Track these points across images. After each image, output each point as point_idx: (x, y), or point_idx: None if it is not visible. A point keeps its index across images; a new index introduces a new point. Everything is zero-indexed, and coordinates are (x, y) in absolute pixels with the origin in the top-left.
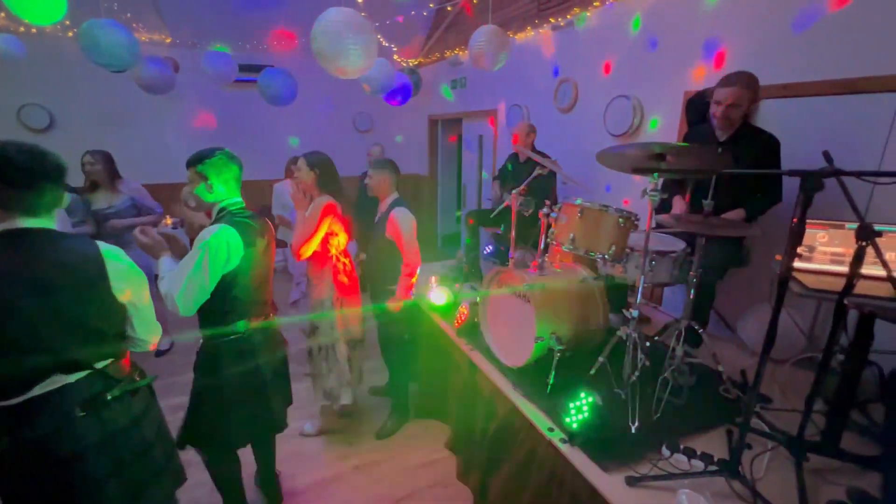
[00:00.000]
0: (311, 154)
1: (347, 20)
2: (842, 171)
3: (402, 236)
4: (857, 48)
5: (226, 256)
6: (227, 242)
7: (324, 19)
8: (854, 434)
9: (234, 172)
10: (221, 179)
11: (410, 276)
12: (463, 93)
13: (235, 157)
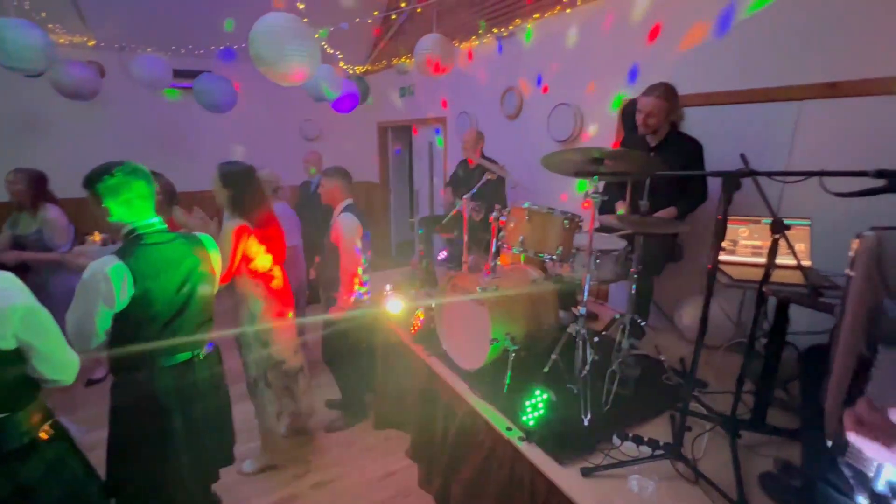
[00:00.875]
0: (225, 166)
1: (287, 25)
2: (756, 171)
3: (341, 240)
4: (765, 61)
5: (109, 293)
6: (114, 278)
7: (262, 24)
8: (778, 410)
9: (139, 190)
10: (120, 201)
11: (349, 280)
12: (411, 100)
13: (139, 171)
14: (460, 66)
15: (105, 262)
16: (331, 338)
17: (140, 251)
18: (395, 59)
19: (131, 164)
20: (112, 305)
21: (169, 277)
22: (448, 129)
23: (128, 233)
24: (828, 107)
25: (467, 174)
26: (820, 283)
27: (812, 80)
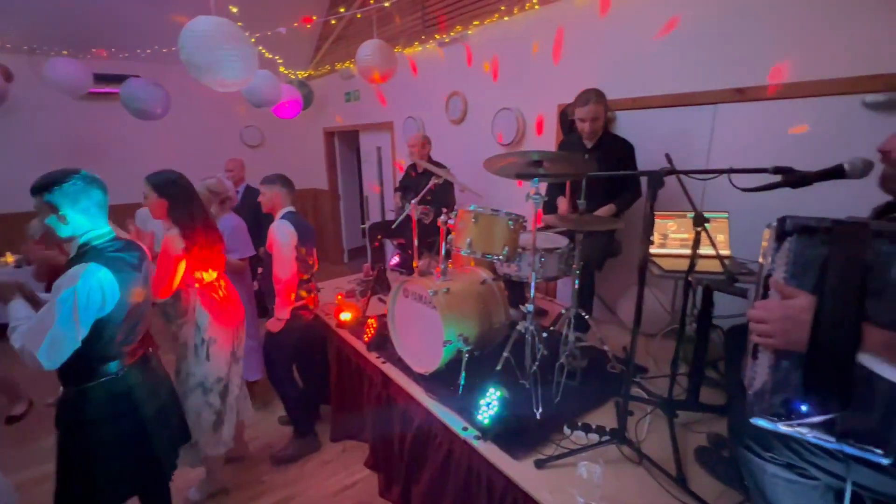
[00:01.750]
0: (156, 176)
1: (220, 29)
2: (675, 170)
3: (275, 248)
4: (684, 69)
5: (100, 302)
6: (100, 286)
7: (193, 28)
8: (710, 388)
9: (97, 198)
10: (79, 209)
11: (283, 290)
12: (358, 105)
13: (97, 181)
14: (405, 72)
15: (92, 271)
16: (273, 354)
17: (108, 259)
18: (338, 64)
19: (87, 173)
20: (100, 313)
21: (135, 283)
22: (395, 134)
23: (82, 245)
24: (737, 110)
25: (415, 179)
26: (737, 270)
27: (723, 85)
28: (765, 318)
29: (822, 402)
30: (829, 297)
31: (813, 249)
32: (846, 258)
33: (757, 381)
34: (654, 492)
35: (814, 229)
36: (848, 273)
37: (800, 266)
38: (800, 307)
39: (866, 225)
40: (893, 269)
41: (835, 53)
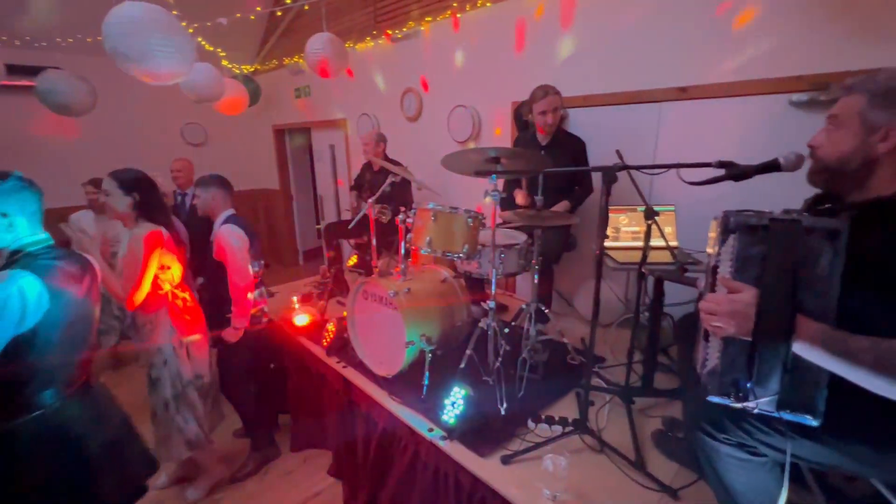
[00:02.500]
0: (122, 173)
1: (150, 16)
2: (628, 165)
3: (227, 256)
4: (631, 68)
5: (18, 314)
6: (21, 294)
7: (119, 14)
8: (663, 373)
9: (36, 203)
10: (26, 213)
11: (240, 297)
12: (308, 101)
13: (34, 183)
14: (357, 68)
15: (14, 277)
16: (227, 364)
17: (41, 267)
18: (286, 59)
19: (21, 174)
20: (20, 328)
21: (70, 296)
22: (349, 131)
23: (13, 253)
24: (680, 108)
25: (372, 177)
26: (685, 260)
27: (667, 85)
28: (715, 311)
29: (764, 382)
30: (767, 293)
31: (753, 246)
32: (781, 255)
33: (709, 362)
34: (615, 478)
35: (753, 227)
36: (782, 270)
37: (742, 261)
38: (745, 302)
39: (799, 222)
40: (821, 262)
41: (764, 56)
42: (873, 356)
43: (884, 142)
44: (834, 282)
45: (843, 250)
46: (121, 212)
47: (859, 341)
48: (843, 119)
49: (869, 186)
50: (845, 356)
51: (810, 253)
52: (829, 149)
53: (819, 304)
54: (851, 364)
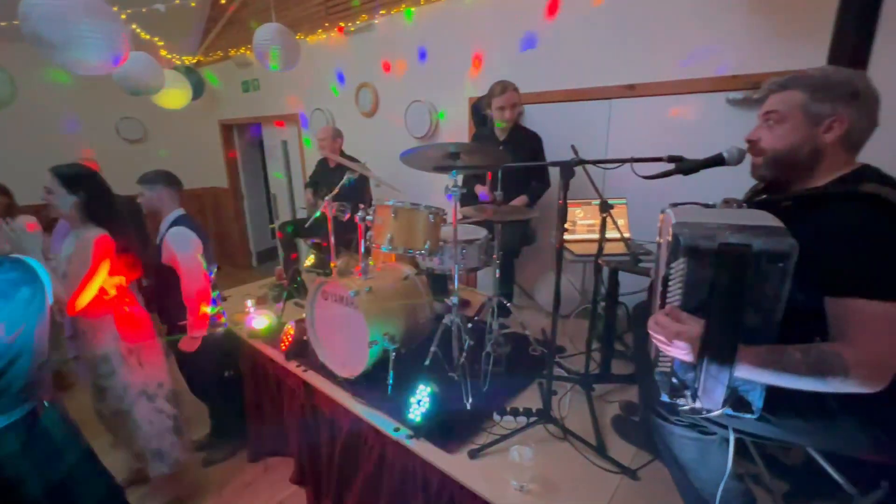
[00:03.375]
0: (65, 168)
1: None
2: (584, 160)
3: (178, 260)
4: (582, 66)
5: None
6: None
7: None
8: (619, 360)
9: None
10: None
11: (195, 305)
12: (258, 96)
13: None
14: (309, 61)
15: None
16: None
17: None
18: (232, 50)
19: None
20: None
21: (4, 312)
22: (302, 127)
23: None
24: (629, 105)
25: (328, 173)
26: (638, 250)
27: (616, 82)
28: (660, 334)
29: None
30: (713, 324)
31: (702, 271)
32: (729, 283)
33: (662, 362)
34: (578, 464)
35: (703, 253)
36: (730, 298)
37: (691, 286)
38: (692, 334)
39: (749, 248)
40: (768, 285)
41: (703, 57)
42: (805, 366)
43: (828, 133)
44: (780, 301)
45: (791, 270)
46: (65, 212)
47: (792, 355)
48: (785, 113)
49: (812, 177)
50: (781, 371)
51: (759, 275)
52: (776, 142)
53: (763, 321)
54: (788, 377)
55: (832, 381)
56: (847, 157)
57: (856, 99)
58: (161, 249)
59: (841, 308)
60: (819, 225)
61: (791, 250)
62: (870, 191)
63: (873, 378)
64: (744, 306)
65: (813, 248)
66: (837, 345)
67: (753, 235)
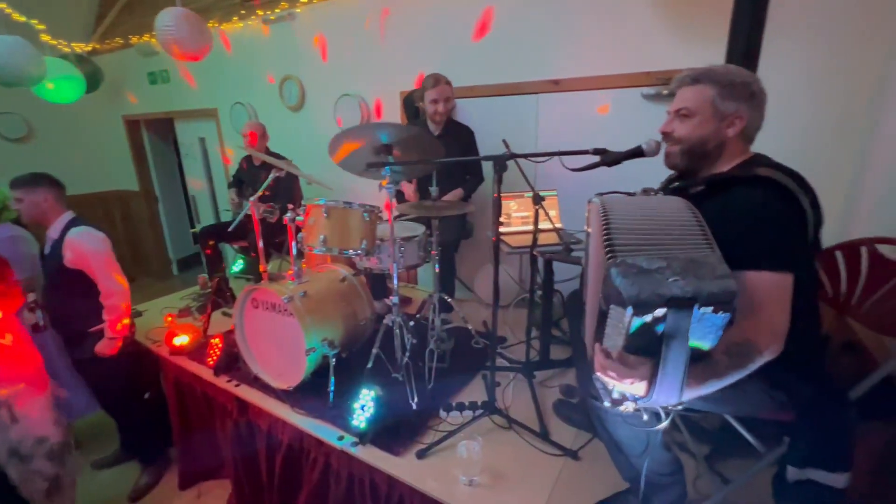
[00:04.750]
0: None
1: None
2: (516, 154)
3: (91, 262)
4: (510, 61)
5: None
6: None
7: None
8: (557, 345)
9: None
10: None
11: (116, 311)
12: (169, 88)
13: None
14: (225, 51)
15: None
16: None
17: None
18: (134, 37)
19: None
20: None
21: None
22: (221, 123)
23: None
24: (555, 99)
25: (253, 172)
26: (569, 240)
27: (542, 77)
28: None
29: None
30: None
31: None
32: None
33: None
34: (525, 451)
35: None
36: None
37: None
38: (639, 378)
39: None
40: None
41: (620, 53)
42: (734, 366)
43: (731, 128)
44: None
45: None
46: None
47: (721, 362)
48: (697, 108)
49: (717, 165)
50: (718, 381)
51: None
52: (690, 132)
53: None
54: (722, 381)
55: (752, 366)
56: (744, 147)
57: (753, 98)
58: (58, 256)
59: (744, 280)
60: (725, 205)
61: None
62: (766, 174)
63: (776, 345)
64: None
65: (720, 226)
66: (745, 329)
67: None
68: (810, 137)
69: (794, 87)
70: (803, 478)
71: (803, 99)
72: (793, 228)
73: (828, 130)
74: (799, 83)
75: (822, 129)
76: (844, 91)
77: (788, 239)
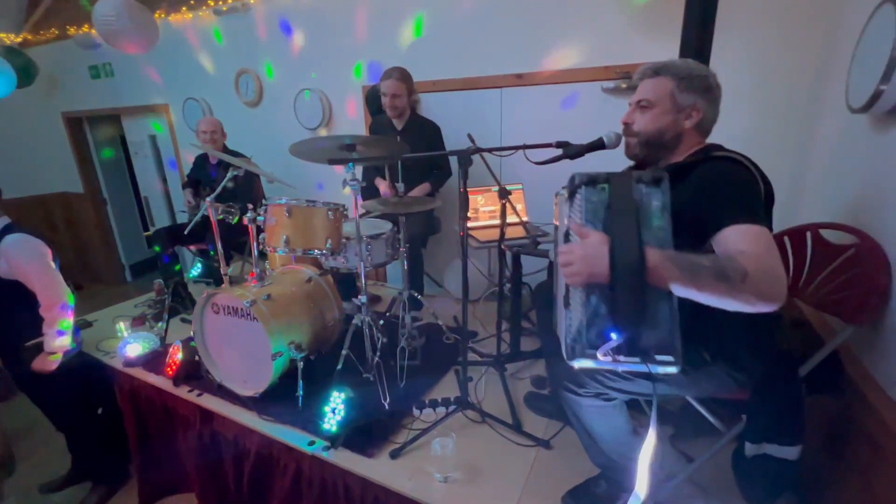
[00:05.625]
0: None
1: None
2: (481, 148)
3: (27, 271)
4: (473, 55)
5: None
6: None
7: None
8: (526, 337)
9: None
10: None
11: (55, 317)
12: (113, 83)
13: None
14: (176, 43)
15: None
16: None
17: None
18: (72, 28)
19: None
20: None
21: None
22: (173, 119)
23: None
24: (518, 93)
25: (209, 171)
26: (536, 233)
27: (506, 71)
28: (570, 260)
29: (626, 322)
30: (616, 230)
31: (598, 195)
32: (622, 200)
33: (573, 323)
34: (498, 444)
35: (595, 179)
36: (625, 211)
37: (591, 212)
38: (596, 243)
39: (630, 173)
40: (653, 204)
41: (581, 48)
42: (714, 272)
43: (688, 120)
44: (667, 224)
45: (667, 192)
46: None
47: (700, 257)
48: (656, 99)
49: (674, 155)
50: (692, 271)
51: (644, 198)
52: (649, 124)
53: (656, 240)
54: (698, 279)
55: (738, 287)
56: (700, 140)
57: (710, 92)
58: None
59: (723, 239)
60: (687, 186)
61: (663, 175)
62: (722, 154)
63: (771, 286)
64: (639, 217)
65: (687, 206)
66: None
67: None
68: (757, 130)
69: (742, 81)
70: (760, 452)
71: (750, 92)
72: (758, 192)
73: (773, 123)
74: (746, 77)
75: (767, 121)
76: (786, 85)
77: (758, 198)
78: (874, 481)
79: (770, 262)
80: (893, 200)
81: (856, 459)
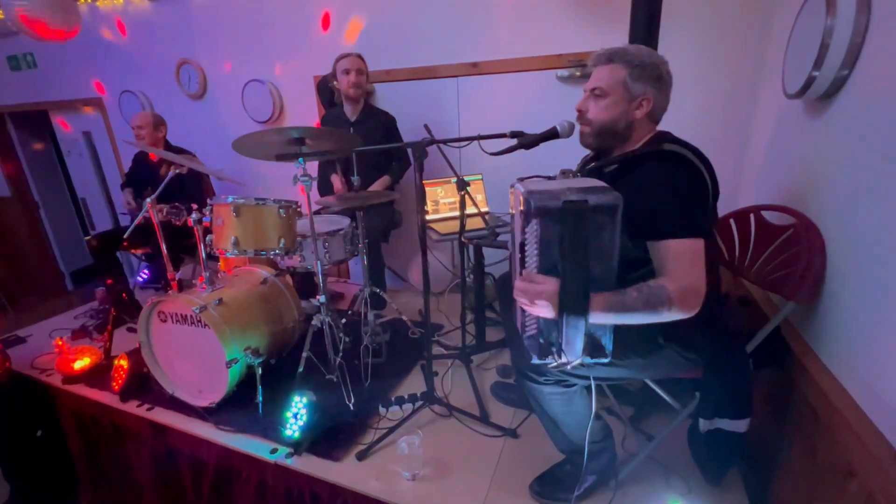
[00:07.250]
0: None
1: None
2: (435, 140)
3: None
4: (427, 43)
5: None
6: None
7: None
8: (490, 327)
9: None
10: None
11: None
12: (37, 75)
13: None
14: (106, 31)
15: None
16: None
17: None
18: None
19: None
20: None
21: None
22: (109, 114)
23: None
24: (474, 82)
25: (151, 169)
26: (496, 223)
27: (461, 60)
28: (524, 295)
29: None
30: (566, 273)
31: (551, 228)
32: (574, 235)
33: (528, 329)
34: (466, 437)
35: (550, 211)
36: (577, 249)
37: (545, 244)
38: (549, 292)
39: (586, 202)
40: (605, 233)
41: (534, 36)
42: (641, 302)
43: (639, 109)
44: (615, 248)
45: (620, 221)
46: None
47: (630, 294)
48: (610, 88)
49: (627, 144)
50: (625, 311)
51: (596, 227)
52: (601, 113)
53: (604, 268)
54: (630, 314)
55: (662, 310)
56: (651, 128)
57: (660, 81)
58: None
59: (659, 249)
60: (636, 180)
61: (617, 202)
62: (672, 149)
63: (689, 303)
64: (589, 255)
65: (634, 200)
66: (661, 279)
67: (588, 193)
68: (701, 116)
69: (687, 70)
70: (713, 427)
71: (695, 81)
72: (699, 198)
73: (716, 109)
74: (692, 67)
75: (712, 108)
76: (729, 73)
77: (696, 208)
78: (817, 444)
79: (693, 282)
80: (827, 182)
81: (799, 427)
